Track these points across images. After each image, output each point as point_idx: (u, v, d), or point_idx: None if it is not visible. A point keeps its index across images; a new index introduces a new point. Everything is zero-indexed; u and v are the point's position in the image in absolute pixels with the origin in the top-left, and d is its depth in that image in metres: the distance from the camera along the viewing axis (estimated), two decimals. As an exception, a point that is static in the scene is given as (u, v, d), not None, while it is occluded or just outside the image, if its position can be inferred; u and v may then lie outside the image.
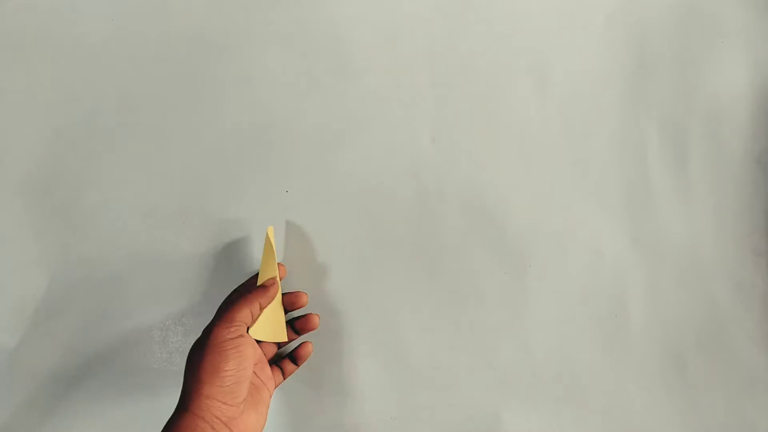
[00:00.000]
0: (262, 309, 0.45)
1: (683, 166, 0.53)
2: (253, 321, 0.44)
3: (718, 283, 0.53)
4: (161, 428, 0.40)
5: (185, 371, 0.41)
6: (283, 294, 0.48)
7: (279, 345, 0.49)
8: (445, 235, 0.52)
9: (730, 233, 0.53)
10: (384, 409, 0.51)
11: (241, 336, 0.42)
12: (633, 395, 0.52)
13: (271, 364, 0.48)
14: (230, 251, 0.52)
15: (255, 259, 0.52)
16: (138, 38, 0.52)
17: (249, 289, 0.46)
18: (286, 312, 0.48)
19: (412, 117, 0.53)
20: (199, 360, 0.40)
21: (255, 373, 0.44)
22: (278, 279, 0.47)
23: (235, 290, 0.48)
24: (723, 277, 0.53)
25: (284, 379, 0.48)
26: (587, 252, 0.53)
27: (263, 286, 0.46)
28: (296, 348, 0.49)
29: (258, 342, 0.46)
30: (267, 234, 0.47)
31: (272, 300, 0.46)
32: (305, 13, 0.53)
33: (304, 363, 0.49)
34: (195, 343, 0.42)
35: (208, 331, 0.42)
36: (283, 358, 0.49)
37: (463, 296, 0.52)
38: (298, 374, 0.50)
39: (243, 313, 0.43)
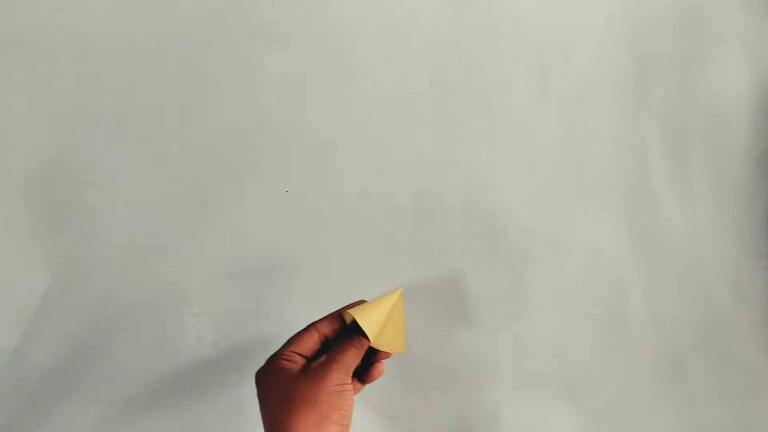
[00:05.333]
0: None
1: (683, 166, 0.53)
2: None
3: (718, 284, 0.53)
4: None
5: (277, 408, 0.39)
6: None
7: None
8: (445, 235, 0.52)
9: (730, 234, 0.53)
10: (384, 409, 0.51)
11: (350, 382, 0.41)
12: (632, 396, 0.52)
13: None
14: (230, 251, 0.52)
15: (254, 259, 0.52)
16: (138, 38, 0.52)
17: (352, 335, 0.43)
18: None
19: (412, 117, 0.53)
20: (319, 400, 0.38)
21: None
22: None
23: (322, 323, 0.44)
24: (723, 278, 0.53)
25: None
26: (587, 252, 0.53)
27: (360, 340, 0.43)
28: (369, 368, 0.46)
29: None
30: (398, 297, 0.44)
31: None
32: (305, 12, 0.53)
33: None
34: (295, 381, 0.40)
35: (321, 373, 0.40)
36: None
37: (464, 296, 0.52)
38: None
39: (355, 360, 0.42)
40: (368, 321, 0.42)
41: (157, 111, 0.52)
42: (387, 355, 0.45)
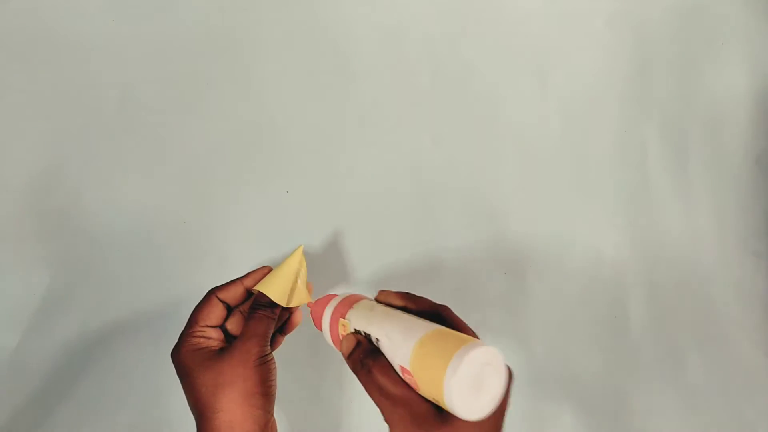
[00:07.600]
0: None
1: (683, 167, 0.53)
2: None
3: (718, 284, 0.53)
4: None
5: (213, 390, 0.39)
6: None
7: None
8: (445, 235, 0.52)
9: (729, 234, 0.53)
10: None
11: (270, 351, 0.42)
12: (632, 396, 0.52)
13: None
14: (230, 251, 0.52)
15: (253, 260, 0.52)
16: (138, 38, 0.52)
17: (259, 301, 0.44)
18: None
19: (412, 118, 0.53)
20: (248, 377, 0.39)
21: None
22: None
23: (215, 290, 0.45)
24: (723, 278, 0.53)
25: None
26: (587, 253, 0.53)
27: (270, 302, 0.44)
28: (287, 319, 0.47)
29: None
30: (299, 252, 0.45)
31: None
32: (307, 13, 0.53)
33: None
34: (220, 362, 0.40)
35: (243, 350, 0.40)
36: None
37: (464, 296, 0.52)
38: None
39: (271, 329, 0.42)
40: (276, 290, 0.43)
41: (156, 111, 0.52)
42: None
